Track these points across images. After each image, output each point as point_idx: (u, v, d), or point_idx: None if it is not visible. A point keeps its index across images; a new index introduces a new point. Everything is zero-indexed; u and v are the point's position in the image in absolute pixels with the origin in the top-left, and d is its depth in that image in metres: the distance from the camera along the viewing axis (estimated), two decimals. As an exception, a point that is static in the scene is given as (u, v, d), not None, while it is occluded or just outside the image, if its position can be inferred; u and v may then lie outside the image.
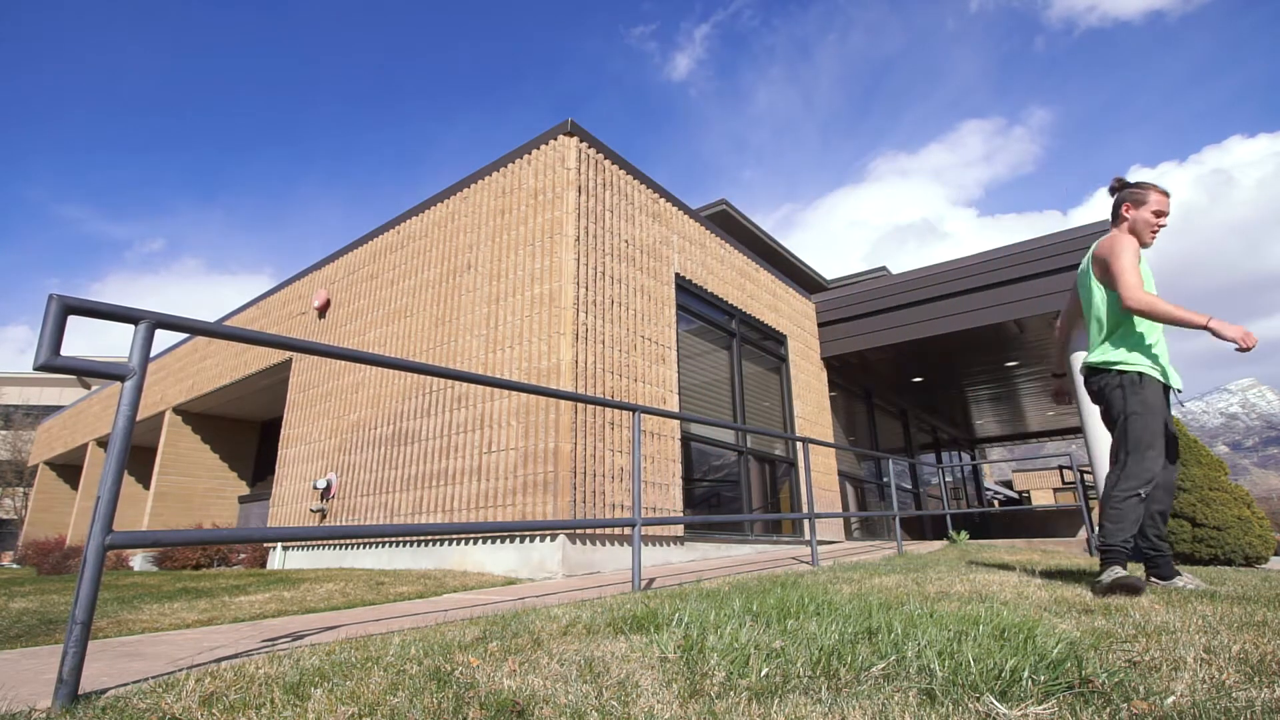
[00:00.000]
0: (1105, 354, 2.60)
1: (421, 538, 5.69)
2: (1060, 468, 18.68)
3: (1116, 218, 2.75)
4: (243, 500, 11.83)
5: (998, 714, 1.01)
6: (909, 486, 12.65)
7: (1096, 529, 4.22)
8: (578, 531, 4.81)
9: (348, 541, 6.53)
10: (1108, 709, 1.02)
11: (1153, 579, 2.65)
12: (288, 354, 8.60)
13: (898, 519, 6.90)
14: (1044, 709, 1.02)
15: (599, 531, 5.01)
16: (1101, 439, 8.26)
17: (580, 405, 5.02)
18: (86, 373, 1.56)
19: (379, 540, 6.13)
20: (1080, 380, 8.37)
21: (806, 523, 7.71)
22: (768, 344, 8.51)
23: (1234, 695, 1.07)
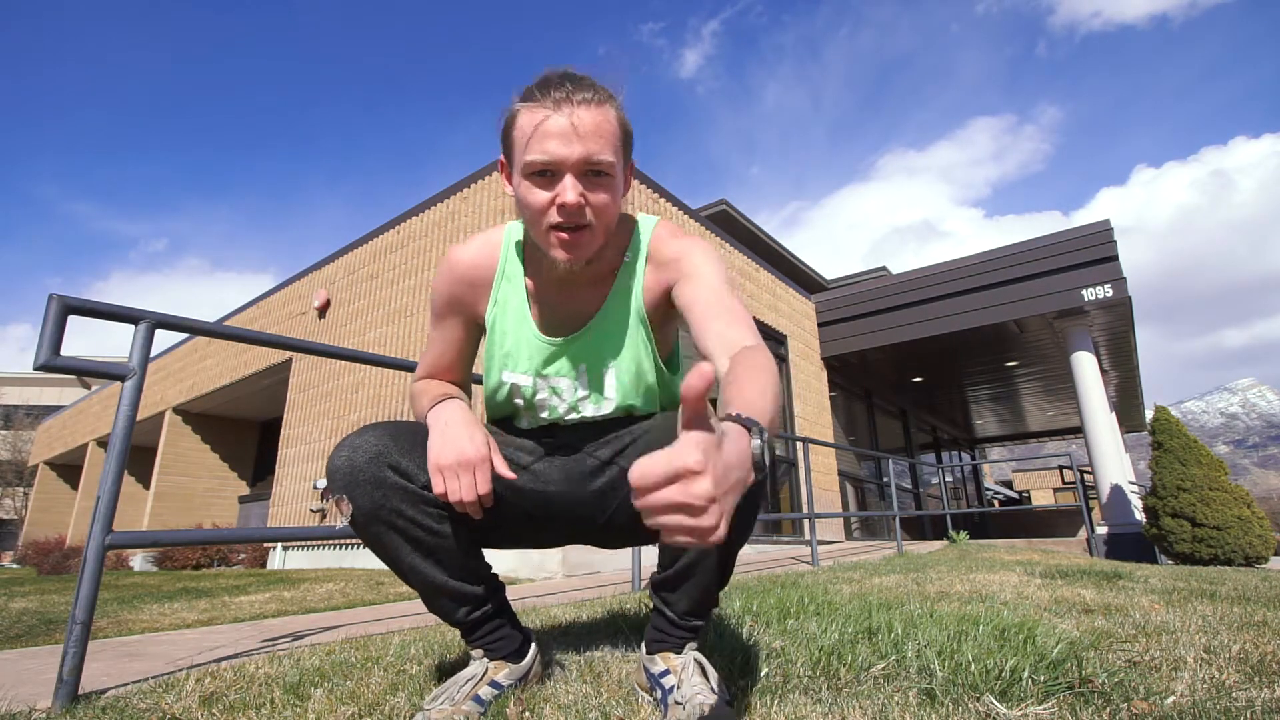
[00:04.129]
0: None
1: (421, 538, 5.69)
2: (1060, 468, 18.69)
3: None
4: (243, 500, 11.83)
5: (998, 714, 1.01)
6: (909, 486, 12.66)
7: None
8: (578, 531, 4.81)
9: (348, 541, 6.53)
10: (1108, 709, 1.02)
11: None
12: (288, 354, 8.60)
13: (898, 519, 6.90)
14: (1044, 709, 1.02)
15: (599, 531, 5.01)
16: (1102, 439, 8.26)
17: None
18: (86, 373, 1.56)
19: (379, 540, 6.13)
20: (1080, 374, 8.39)
21: (806, 523, 7.71)
22: (767, 344, 8.52)
23: (1234, 695, 1.08)
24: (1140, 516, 7.78)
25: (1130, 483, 9.45)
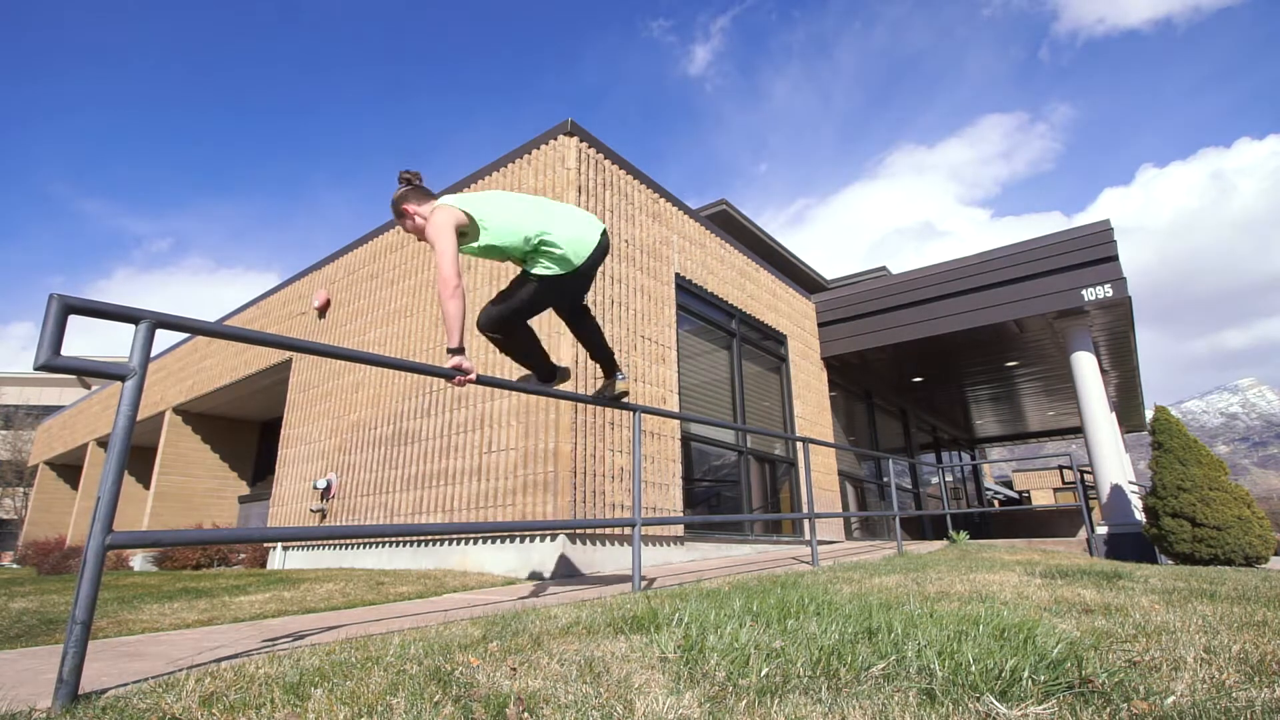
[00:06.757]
0: None
1: (421, 538, 5.69)
2: (1060, 468, 18.68)
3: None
4: (243, 500, 11.83)
5: (998, 714, 1.01)
6: (909, 486, 12.65)
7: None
8: (578, 531, 4.81)
9: (348, 541, 6.53)
10: (1108, 709, 1.02)
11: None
12: (288, 354, 8.60)
13: (898, 519, 6.90)
14: (1044, 709, 1.02)
15: (599, 531, 5.01)
16: (1102, 439, 8.26)
17: (580, 405, 5.02)
18: (87, 373, 1.56)
19: (379, 540, 6.13)
20: (1080, 374, 8.40)
21: (806, 523, 7.71)
22: (768, 344, 8.51)
23: (1234, 695, 1.07)
24: (1140, 516, 7.77)
25: (1130, 483, 9.45)
